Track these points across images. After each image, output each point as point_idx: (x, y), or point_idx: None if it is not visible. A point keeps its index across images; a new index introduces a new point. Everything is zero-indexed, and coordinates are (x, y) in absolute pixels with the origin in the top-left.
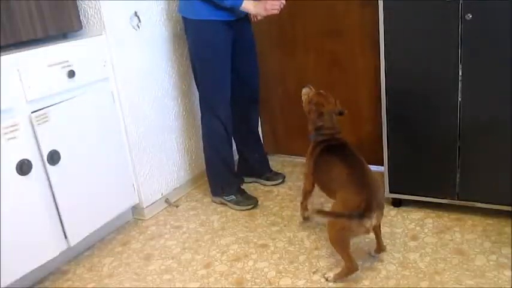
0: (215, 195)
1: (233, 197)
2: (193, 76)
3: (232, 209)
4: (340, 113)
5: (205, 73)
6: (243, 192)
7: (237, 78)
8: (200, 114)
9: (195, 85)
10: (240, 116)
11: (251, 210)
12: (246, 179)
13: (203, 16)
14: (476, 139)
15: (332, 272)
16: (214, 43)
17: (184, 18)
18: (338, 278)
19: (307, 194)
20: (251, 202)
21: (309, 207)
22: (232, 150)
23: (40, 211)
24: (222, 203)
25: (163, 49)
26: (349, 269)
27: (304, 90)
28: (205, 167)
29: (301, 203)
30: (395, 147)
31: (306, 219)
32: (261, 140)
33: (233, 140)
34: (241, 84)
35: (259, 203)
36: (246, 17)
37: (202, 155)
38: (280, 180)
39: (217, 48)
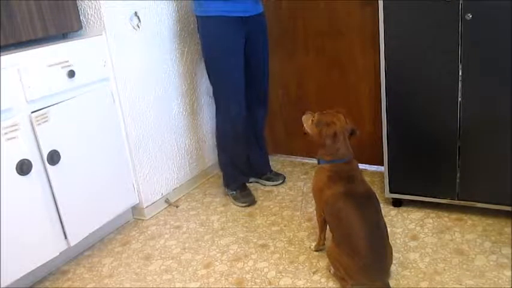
0: (224, 186)
1: (234, 192)
2: (193, 76)
3: (232, 203)
4: (353, 132)
5: (214, 70)
6: (243, 189)
7: (246, 78)
8: (200, 114)
9: (195, 85)
10: (247, 114)
11: (251, 210)
12: None
13: (211, 12)
14: (476, 139)
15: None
16: (223, 40)
17: (196, 16)
18: (335, 276)
19: (323, 224)
20: (246, 200)
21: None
22: (242, 148)
23: (40, 211)
24: (226, 195)
25: (163, 49)
26: (342, 285)
27: (306, 116)
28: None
29: (319, 235)
30: (396, 147)
31: (318, 250)
32: (264, 141)
33: None
34: (250, 84)
35: (258, 202)
36: (262, 13)
37: (203, 154)
38: (280, 181)
39: (226, 45)
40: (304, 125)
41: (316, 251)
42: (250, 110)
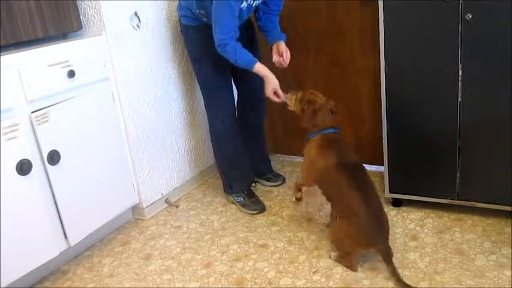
0: (226, 192)
1: (241, 198)
2: (193, 76)
3: (239, 210)
4: (332, 111)
5: (200, 74)
6: (251, 196)
7: (238, 78)
8: (200, 114)
9: (194, 85)
10: (242, 115)
11: None
12: None
13: (190, 22)
14: (476, 139)
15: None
16: (204, 45)
17: (179, 20)
18: (338, 260)
19: (303, 186)
20: (257, 207)
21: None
22: (238, 148)
23: (40, 211)
24: (232, 202)
25: (163, 49)
26: (348, 267)
27: (289, 95)
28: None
29: (295, 183)
30: (395, 147)
31: (298, 200)
32: (263, 140)
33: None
34: (243, 84)
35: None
36: (247, 21)
37: (202, 154)
38: (279, 182)
39: (208, 49)
40: (288, 103)
41: (296, 199)
42: (247, 111)
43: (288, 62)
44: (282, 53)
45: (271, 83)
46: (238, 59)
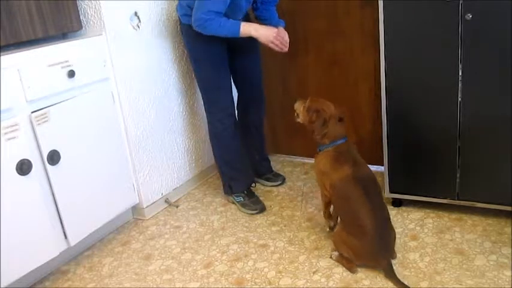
0: (225, 193)
1: (241, 198)
2: (193, 76)
3: (239, 210)
4: (341, 119)
5: (199, 74)
6: (251, 195)
7: (237, 78)
8: (200, 115)
9: (194, 85)
10: (242, 115)
11: None
12: None
13: (191, 21)
14: (476, 139)
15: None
16: (204, 44)
17: (179, 20)
18: (339, 261)
19: (328, 204)
20: (257, 207)
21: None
22: (238, 148)
23: (40, 211)
24: (232, 202)
25: (163, 49)
26: (348, 268)
27: (297, 104)
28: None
29: (324, 213)
30: (395, 147)
31: (332, 229)
32: (263, 140)
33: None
34: (243, 84)
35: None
36: (246, 18)
37: (202, 154)
38: (279, 182)
39: (208, 49)
40: (297, 112)
41: (330, 228)
42: (247, 111)
43: (287, 46)
44: (282, 35)
45: (266, 35)
46: (224, 28)
